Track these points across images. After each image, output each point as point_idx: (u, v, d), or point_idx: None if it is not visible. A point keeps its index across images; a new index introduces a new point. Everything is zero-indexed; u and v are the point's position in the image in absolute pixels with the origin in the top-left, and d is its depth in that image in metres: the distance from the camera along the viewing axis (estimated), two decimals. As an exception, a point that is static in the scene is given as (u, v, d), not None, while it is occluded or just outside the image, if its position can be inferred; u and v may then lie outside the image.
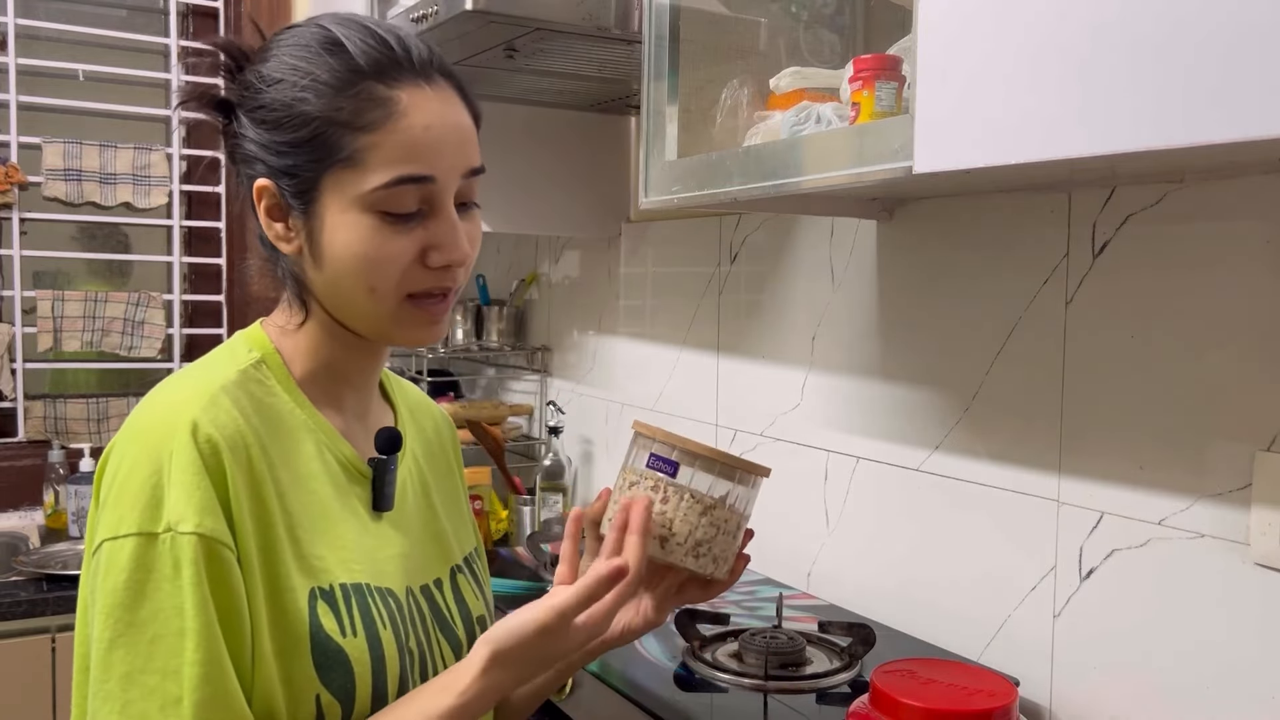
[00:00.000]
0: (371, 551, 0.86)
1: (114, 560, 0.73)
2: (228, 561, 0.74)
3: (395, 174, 0.79)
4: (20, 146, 2.47)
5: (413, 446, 0.97)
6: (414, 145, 0.80)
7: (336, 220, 0.80)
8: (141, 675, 0.71)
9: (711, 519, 0.89)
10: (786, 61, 1.39)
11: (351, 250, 0.80)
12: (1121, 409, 1.18)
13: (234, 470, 0.76)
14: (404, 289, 0.82)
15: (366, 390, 0.93)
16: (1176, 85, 0.72)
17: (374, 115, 0.79)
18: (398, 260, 0.81)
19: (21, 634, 1.88)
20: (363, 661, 0.80)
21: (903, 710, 0.98)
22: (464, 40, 1.59)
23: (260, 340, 0.87)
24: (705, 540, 0.89)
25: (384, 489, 0.89)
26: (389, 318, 0.83)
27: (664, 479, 0.89)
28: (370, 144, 0.79)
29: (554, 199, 2.14)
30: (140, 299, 2.59)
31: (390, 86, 0.80)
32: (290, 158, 0.81)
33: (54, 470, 2.35)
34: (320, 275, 0.83)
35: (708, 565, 0.90)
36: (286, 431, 0.83)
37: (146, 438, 0.76)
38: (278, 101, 0.81)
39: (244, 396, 0.81)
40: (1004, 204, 1.32)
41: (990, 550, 1.34)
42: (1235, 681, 1.07)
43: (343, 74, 0.80)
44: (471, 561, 1.00)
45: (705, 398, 1.89)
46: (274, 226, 0.84)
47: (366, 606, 0.82)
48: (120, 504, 0.74)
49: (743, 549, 0.94)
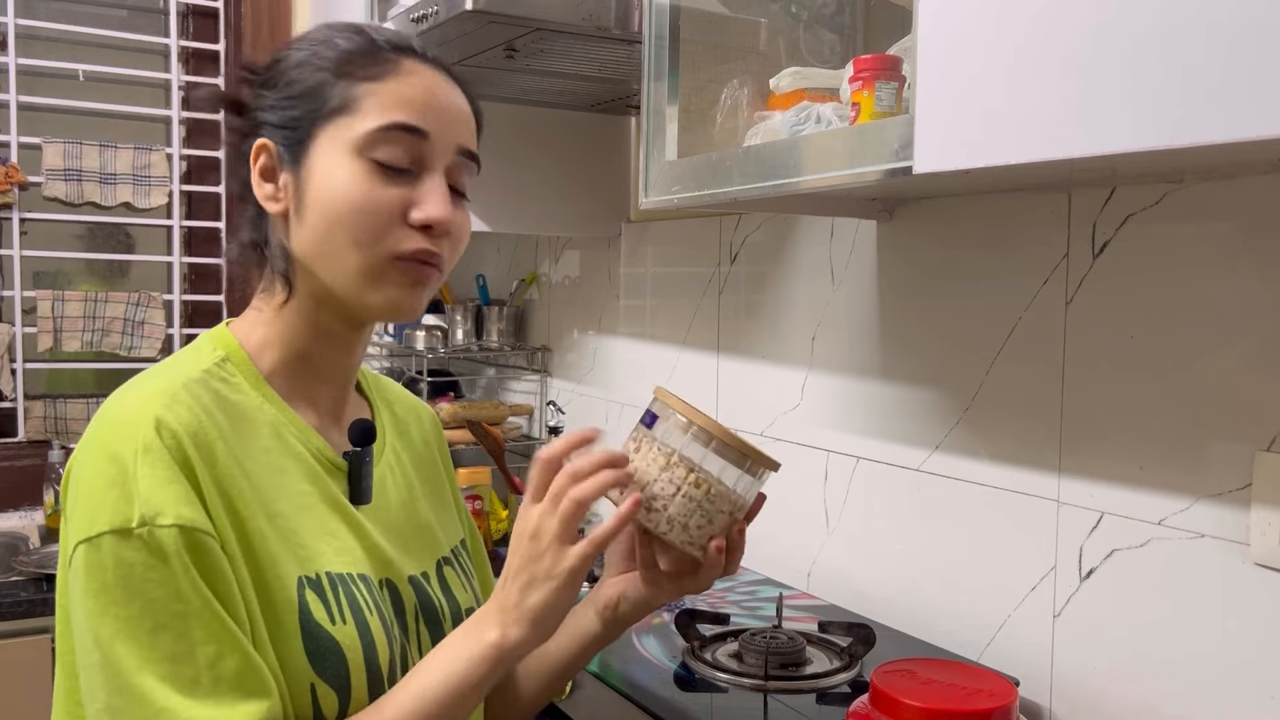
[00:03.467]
0: (353, 543, 0.85)
1: (91, 561, 0.72)
2: (213, 550, 0.74)
3: (391, 119, 0.81)
4: (20, 146, 2.47)
5: (392, 441, 0.97)
6: (413, 98, 0.83)
7: (328, 167, 0.81)
8: (152, 665, 0.71)
9: (706, 494, 0.86)
10: (786, 61, 1.39)
11: (339, 196, 0.80)
12: (1121, 409, 1.18)
13: (201, 464, 0.75)
14: (388, 247, 0.81)
15: (341, 387, 0.92)
16: (1176, 85, 0.72)
17: (379, 69, 0.83)
18: (382, 212, 0.81)
19: (21, 634, 1.88)
20: (355, 649, 0.79)
21: (903, 710, 0.98)
22: (464, 40, 1.59)
23: (225, 339, 0.86)
24: (660, 496, 0.86)
25: (361, 482, 0.88)
26: (369, 275, 0.82)
27: (644, 431, 0.89)
28: (370, 91, 0.82)
29: (554, 199, 2.14)
30: (140, 299, 2.59)
31: (400, 55, 0.84)
32: (291, 109, 0.83)
33: (54, 470, 2.35)
34: (303, 232, 0.83)
35: (679, 536, 0.87)
36: (252, 427, 0.82)
37: (109, 437, 0.75)
38: (288, 66, 0.85)
39: (205, 394, 0.80)
40: (1004, 204, 1.32)
41: (990, 550, 1.34)
42: (1235, 681, 1.07)
43: (361, 44, 0.84)
44: (459, 554, 0.99)
45: (705, 398, 1.89)
46: (264, 187, 0.85)
47: (353, 595, 0.81)
48: (90, 504, 0.73)
49: (733, 540, 0.90)
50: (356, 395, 0.97)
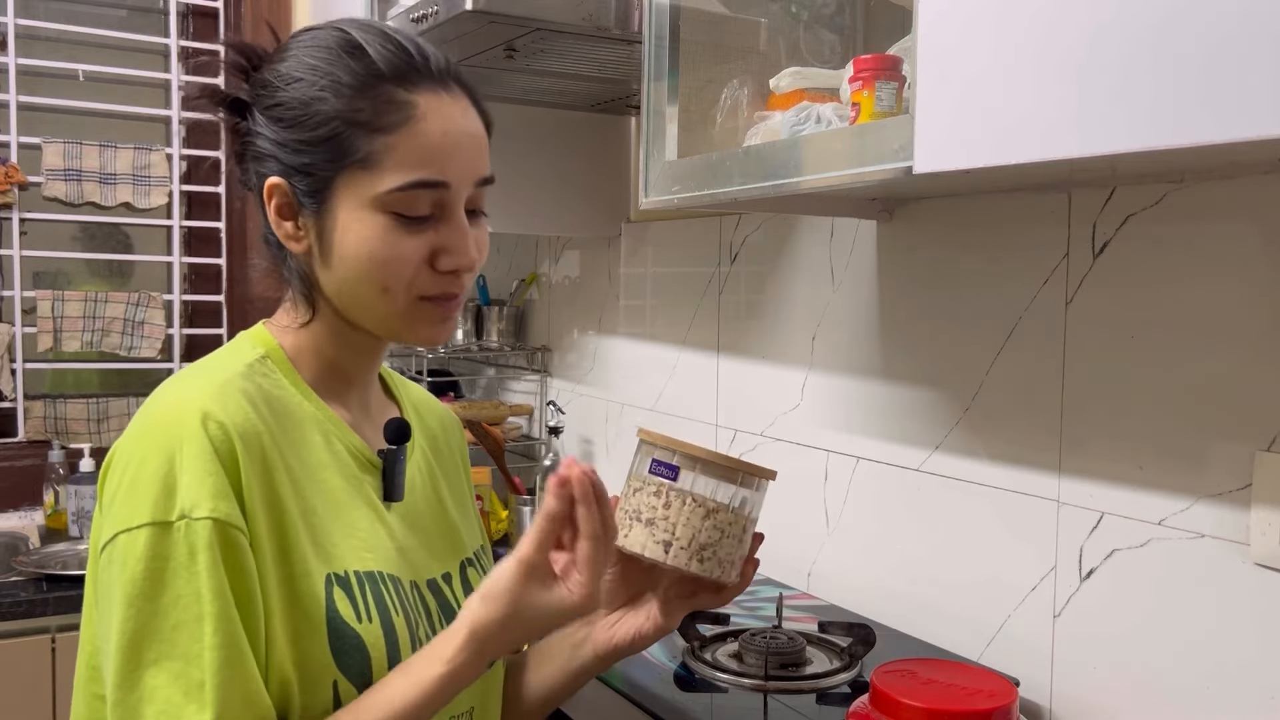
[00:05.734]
0: (383, 541, 0.86)
1: (130, 551, 0.73)
2: (241, 546, 0.75)
3: (410, 178, 0.80)
4: (20, 146, 2.46)
5: (420, 442, 0.98)
6: (430, 150, 0.81)
7: (349, 220, 0.81)
8: (167, 662, 0.72)
9: (715, 522, 0.89)
10: (786, 61, 1.39)
11: (364, 250, 0.81)
12: (1121, 409, 1.18)
13: (245, 457, 0.77)
14: (415, 290, 0.83)
15: (368, 387, 0.94)
16: (1175, 85, 0.72)
17: (392, 118, 0.80)
18: (408, 261, 0.81)
19: (21, 634, 1.88)
20: (378, 647, 0.80)
21: (903, 710, 0.98)
22: (464, 40, 1.59)
23: (265, 338, 0.88)
24: (709, 544, 0.89)
25: (394, 479, 0.90)
26: (400, 316, 0.84)
27: (666, 484, 0.89)
28: (387, 146, 0.80)
29: (554, 199, 2.14)
30: (140, 299, 2.59)
31: (409, 91, 0.81)
32: (305, 156, 0.81)
33: (54, 470, 2.35)
34: (330, 275, 0.84)
35: (713, 569, 0.89)
36: (295, 423, 0.83)
37: (156, 430, 0.77)
38: (295, 100, 0.82)
39: (252, 388, 0.81)
40: (1004, 204, 1.32)
41: (990, 550, 1.34)
42: (1235, 681, 1.07)
43: (363, 76, 0.81)
44: (480, 556, 1.01)
45: (705, 398, 1.89)
46: (283, 225, 0.84)
47: (380, 593, 0.82)
48: (133, 496, 0.74)
49: (752, 554, 0.94)
50: (383, 395, 0.98)
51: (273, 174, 0.83)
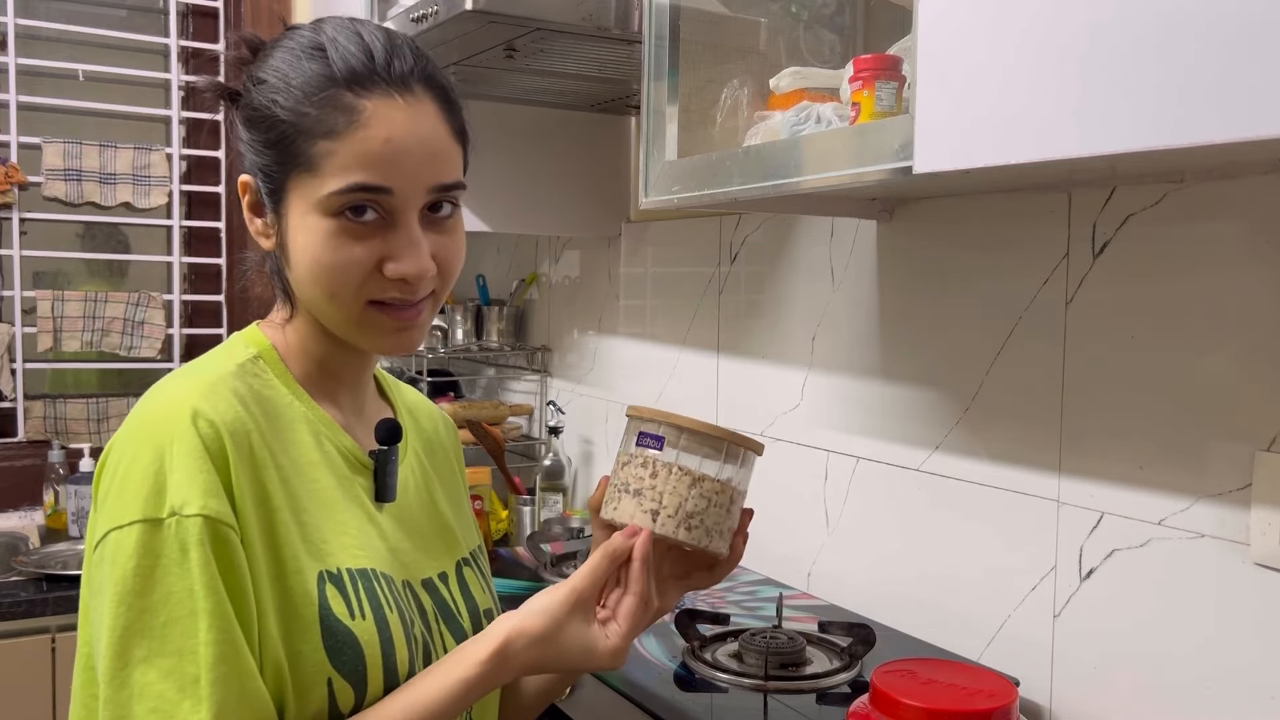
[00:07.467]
0: (374, 540, 0.86)
1: (120, 548, 0.73)
2: (232, 543, 0.75)
3: (349, 181, 0.79)
4: (20, 146, 2.46)
5: (413, 444, 0.98)
6: (371, 155, 0.79)
7: (299, 224, 0.82)
8: (158, 659, 0.72)
9: (701, 491, 0.89)
10: (786, 61, 1.39)
11: (310, 254, 0.81)
12: (1121, 409, 1.18)
13: (236, 455, 0.77)
14: (364, 296, 0.82)
15: (361, 388, 0.94)
16: (1175, 85, 0.72)
17: (336, 122, 0.79)
18: (353, 268, 0.81)
19: (21, 634, 1.88)
20: (372, 644, 0.80)
21: (903, 710, 0.98)
22: (464, 40, 1.59)
23: (258, 338, 0.88)
24: (696, 512, 0.89)
25: (386, 479, 0.90)
26: (353, 323, 0.84)
27: (652, 455, 0.90)
28: (328, 150, 0.79)
29: (554, 199, 2.14)
30: (140, 299, 2.59)
31: (359, 95, 0.80)
32: (263, 157, 0.83)
33: (54, 470, 2.35)
34: (292, 275, 0.85)
35: (701, 538, 0.89)
36: (285, 422, 0.84)
37: (147, 428, 0.77)
38: (258, 102, 0.83)
39: (242, 387, 0.82)
40: (1004, 204, 1.32)
41: (990, 550, 1.34)
42: (1235, 681, 1.07)
43: (314, 80, 0.80)
44: (477, 556, 1.01)
45: (705, 398, 1.89)
46: (255, 222, 0.87)
47: (373, 590, 0.82)
48: (124, 494, 0.75)
49: (743, 528, 0.94)
50: (377, 396, 0.98)
51: (244, 171, 0.85)
